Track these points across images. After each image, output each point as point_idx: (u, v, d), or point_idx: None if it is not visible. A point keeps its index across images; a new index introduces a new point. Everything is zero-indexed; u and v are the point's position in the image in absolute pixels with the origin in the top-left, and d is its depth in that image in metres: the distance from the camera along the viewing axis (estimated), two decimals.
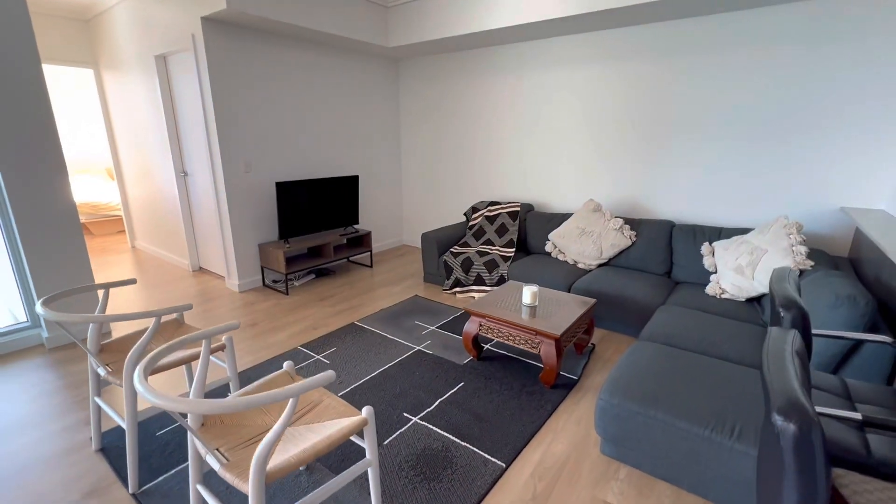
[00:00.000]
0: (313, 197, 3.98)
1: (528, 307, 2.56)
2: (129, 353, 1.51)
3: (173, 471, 1.78)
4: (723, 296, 2.80)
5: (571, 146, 3.88)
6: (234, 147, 3.59)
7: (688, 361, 1.95)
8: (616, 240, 3.37)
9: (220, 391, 2.31)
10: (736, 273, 2.73)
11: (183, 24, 3.41)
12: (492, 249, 3.87)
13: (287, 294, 3.79)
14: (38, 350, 2.78)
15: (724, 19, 3.00)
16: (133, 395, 1.57)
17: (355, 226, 4.65)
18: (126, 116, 4.66)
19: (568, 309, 2.54)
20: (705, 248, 3.05)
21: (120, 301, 3.63)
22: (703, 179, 3.29)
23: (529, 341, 2.36)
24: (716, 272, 2.97)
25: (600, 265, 3.47)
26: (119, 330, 3.13)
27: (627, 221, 3.48)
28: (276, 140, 3.90)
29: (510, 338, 2.44)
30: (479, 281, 3.67)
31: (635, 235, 3.38)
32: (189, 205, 4.27)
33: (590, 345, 2.87)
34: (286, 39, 3.80)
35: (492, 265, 3.62)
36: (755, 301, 2.75)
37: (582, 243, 3.47)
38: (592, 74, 3.63)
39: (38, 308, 1.50)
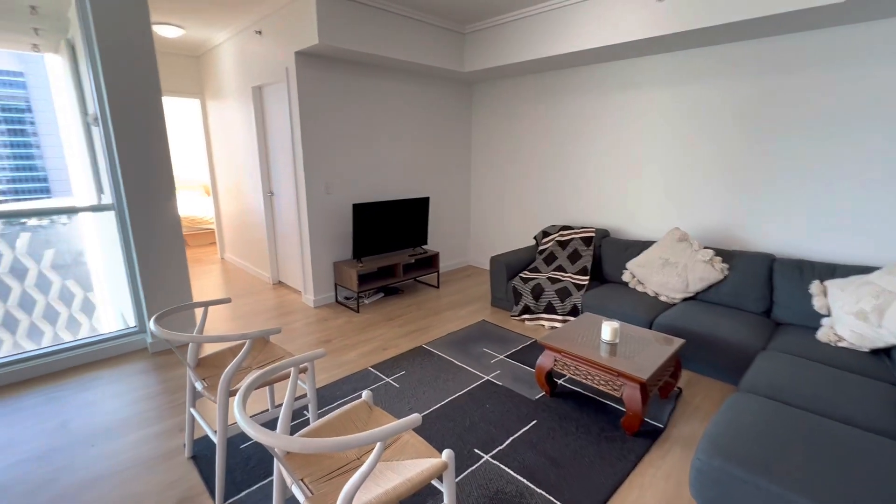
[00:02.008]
0: (386, 218, 4.10)
1: (608, 344, 2.40)
2: (224, 374, 1.60)
3: (255, 486, 1.85)
4: (839, 343, 2.44)
5: (654, 171, 3.66)
6: (316, 170, 3.81)
7: (803, 422, 1.70)
8: (705, 272, 3.09)
9: (298, 411, 2.39)
10: (857, 319, 2.37)
11: (278, 58, 3.71)
12: (564, 276, 3.72)
13: (358, 312, 3.89)
14: (142, 354, 3.07)
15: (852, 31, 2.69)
16: (225, 415, 1.66)
17: (424, 246, 4.71)
18: (223, 140, 5.14)
19: (653, 348, 2.35)
20: (815, 286, 2.69)
21: (211, 311, 3.94)
22: (814, 209, 2.94)
23: (610, 382, 2.20)
24: (829, 315, 2.61)
25: (685, 299, 3.20)
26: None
27: (719, 253, 3.18)
28: (354, 163, 4.08)
29: (588, 377, 2.29)
30: (550, 309, 3.53)
31: (728, 268, 3.08)
32: (273, 222, 4.58)
33: (676, 389, 2.63)
34: (366, 68, 3.99)
35: (564, 293, 3.47)
36: (883, 353, 2.37)
37: (665, 274, 3.23)
38: (685, 94, 3.42)
39: (151, 325, 1.64)
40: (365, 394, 1.65)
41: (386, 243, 4.18)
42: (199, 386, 1.78)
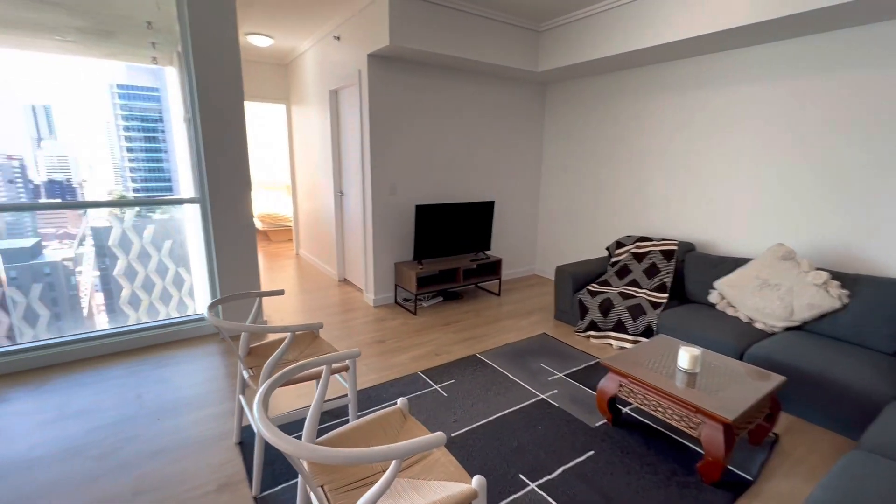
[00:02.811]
0: (449, 220, 4.02)
1: (686, 373, 2.07)
2: (265, 365, 1.60)
3: (293, 481, 1.83)
4: None
5: (754, 178, 3.17)
6: (383, 170, 3.85)
7: None
8: (816, 298, 2.59)
9: (339, 411, 2.37)
10: None
11: (353, 61, 3.81)
12: (638, 292, 3.36)
13: (415, 314, 3.85)
14: (214, 338, 3.28)
15: None
16: (264, 406, 1.65)
17: (486, 252, 4.56)
18: (304, 143, 5.44)
19: (743, 384, 1.98)
20: None
21: (277, 303, 4.14)
22: None
23: (686, 419, 1.89)
24: None
25: (788, 328, 2.70)
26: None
27: (835, 276, 2.65)
28: (420, 164, 4.06)
29: (659, 409, 1.99)
30: (620, 327, 3.20)
31: (848, 295, 2.55)
32: (342, 221, 4.73)
33: (772, 435, 2.20)
34: (436, 69, 3.97)
35: (637, 311, 3.12)
36: None
37: (763, 298, 2.76)
38: (797, 90, 2.93)
39: (205, 312, 1.69)
40: (400, 401, 1.55)
41: (448, 246, 4.10)
42: (245, 374, 1.81)
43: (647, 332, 3.06)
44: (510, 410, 2.38)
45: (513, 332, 3.50)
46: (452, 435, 2.17)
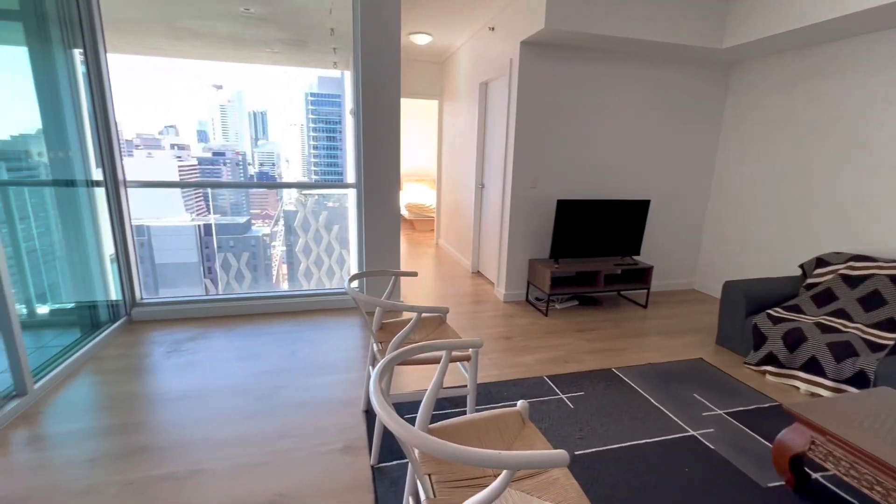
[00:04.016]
0: (593, 219, 3.68)
1: None
2: (392, 342, 1.63)
3: (406, 460, 1.86)
4: None
5: None
6: (525, 162, 3.70)
7: None
8: None
9: (459, 400, 2.33)
10: None
11: (505, 51, 3.74)
12: (847, 326, 2.57)
13: (546, 315, 3.63)
14: (358, 310, 3.60)
15: None
16: (388, 378, 1.69)
17: (635, 257, 4.06)
18: (451, 137, 5.62)
19: None
20: None
21: (414, 286, 4.35)
22: None
23: None
24: None
25: None
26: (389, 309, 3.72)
27: None
28: (565, 156, 3.80)
29: (875, 487, 1.45)
30: (814, 367, 2.48)
31: None
32: (480, 213, 4.74)
33: None
34: (592, 54, 3.63)
35: (843, 350, 2.38)
36: None
37: None
38: None
39: (346, 283, 1.81)
40: (520, 404, 1.41)
41: (589, 247, 3.76)
42: (375, 348, 1.89)
43: (858, 380, 2.30)
44: (650, 440, 2.04)
45: (659, 351, 3.02)
46: (576, 453, 1.94)
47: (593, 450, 1.96)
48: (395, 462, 1.84)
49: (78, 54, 2.83)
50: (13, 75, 2.54)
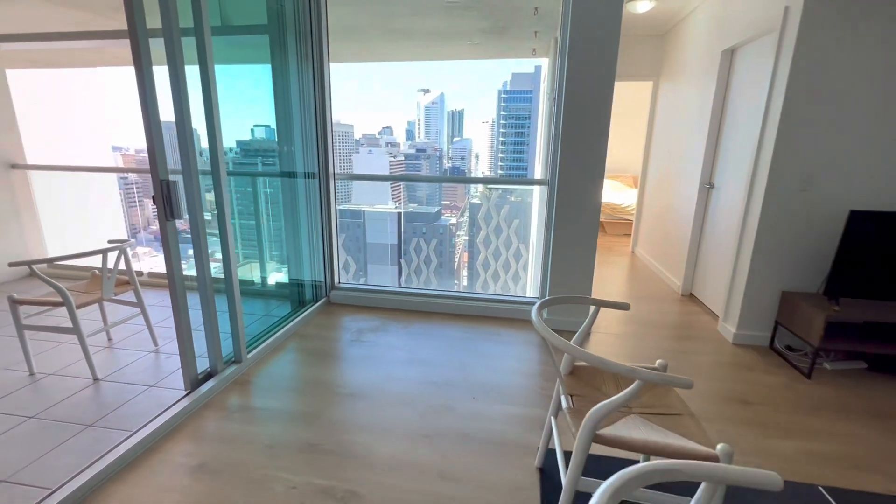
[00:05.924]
0: None
1: None
2: (591, 412, 1.12)
3: None
4: None
5: None
6: (792, 154, 2.60)
7: None
8: None
9: None
10: None
11: (773, 1, 2.68)
12: None
13: (808, 377, 2.51)
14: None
15: None
16: (580, 461, 1.19)
17: None
18: (666, 125, 4.59)
19: None
20: None
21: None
22: None
23: None
24: None
25: None
26: (585, 362, 3.09)
27: None
28: (864, 146, 2.52)
29: None
30: None
31: None
32: (703, 221, 3.69)
33: None
34: None
35: None
36: None
37: None
38: None
39: (533, 312, 1.38)
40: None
41: (895, 285, 2.44)
42: (563, 402, 1.41)
43: None
44: None
45: None
46: None
47: None
48: None
49: (309, 64, 3.12)
50: (267, 86, 2.94)
